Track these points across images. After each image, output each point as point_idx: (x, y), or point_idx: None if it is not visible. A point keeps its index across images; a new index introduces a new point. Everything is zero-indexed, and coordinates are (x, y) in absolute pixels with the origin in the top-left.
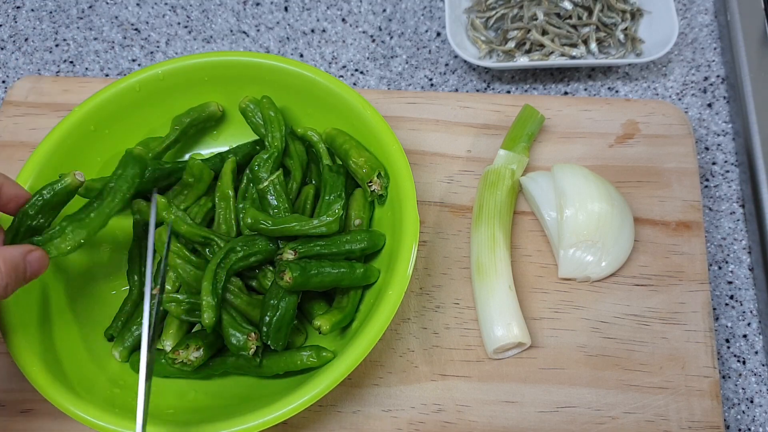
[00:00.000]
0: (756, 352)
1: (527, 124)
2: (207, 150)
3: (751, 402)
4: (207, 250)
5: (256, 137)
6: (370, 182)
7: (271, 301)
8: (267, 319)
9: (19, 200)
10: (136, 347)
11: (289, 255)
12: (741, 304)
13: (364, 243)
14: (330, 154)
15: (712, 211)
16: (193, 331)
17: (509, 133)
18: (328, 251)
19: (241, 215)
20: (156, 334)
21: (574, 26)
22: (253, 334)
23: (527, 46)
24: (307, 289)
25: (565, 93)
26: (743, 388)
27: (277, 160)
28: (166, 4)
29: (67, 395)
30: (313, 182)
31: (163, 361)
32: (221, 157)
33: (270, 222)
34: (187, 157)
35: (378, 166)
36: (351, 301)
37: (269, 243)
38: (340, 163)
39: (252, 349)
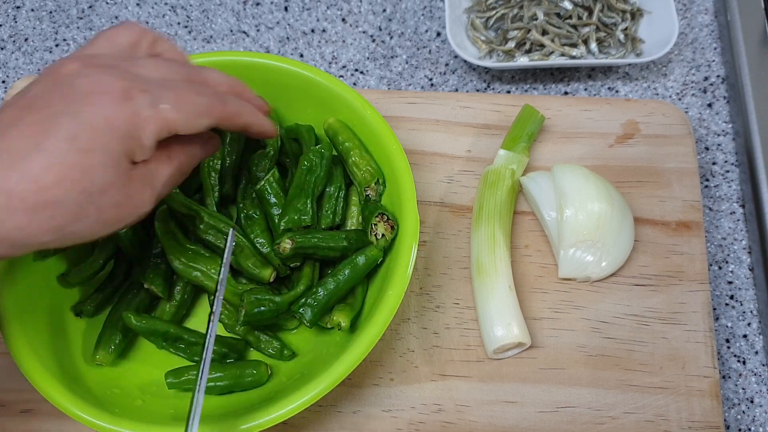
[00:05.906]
0: (756, 352)
1: (527, 124)
2: None
3: (751, 402)
4: (195, 223)
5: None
6: (367, 188)
7: (332, 278)
8: (321, 292)
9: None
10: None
11: (286, 244)
12: (741, 304)
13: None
14: (317, 143)
15: (712, 211)
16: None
17: (509, 133)
18: (325, 244)
19: (242, 213)
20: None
21: (574, 26)
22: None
23: (527, 46)
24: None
25: (565, 93)
26: (743, 388)
27: (274, 158)
28: (166, 4)
29: (67, 395)
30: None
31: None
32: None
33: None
34: None
35: (377, 173)
36: (360, 292)
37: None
38: (335, 153)
39: (273, 275)
